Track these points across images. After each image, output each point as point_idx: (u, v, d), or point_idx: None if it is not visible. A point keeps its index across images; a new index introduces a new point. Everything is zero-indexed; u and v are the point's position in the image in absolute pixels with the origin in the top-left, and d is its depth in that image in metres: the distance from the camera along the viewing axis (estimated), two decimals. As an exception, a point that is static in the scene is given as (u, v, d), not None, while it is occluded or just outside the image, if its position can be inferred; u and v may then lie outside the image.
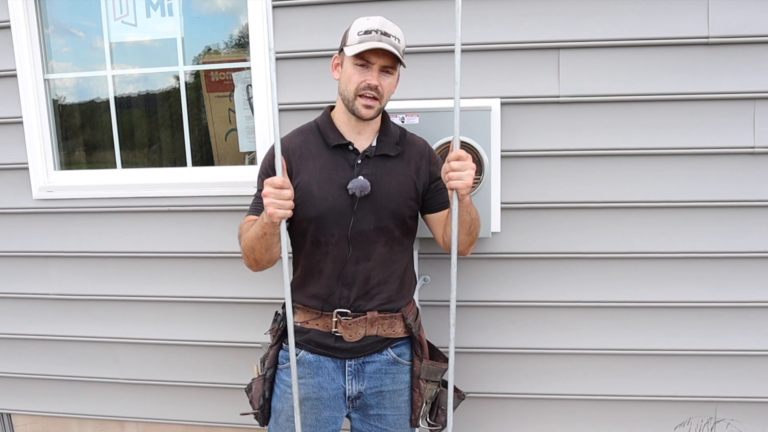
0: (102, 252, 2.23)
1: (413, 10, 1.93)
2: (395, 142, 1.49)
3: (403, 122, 1.83)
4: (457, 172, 1.26)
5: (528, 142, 1.94)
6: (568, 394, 2.07)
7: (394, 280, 1.50)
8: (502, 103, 1.91)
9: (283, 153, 1.46)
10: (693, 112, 1.88)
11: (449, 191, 1.31)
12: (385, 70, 1.40)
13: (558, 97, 1.91)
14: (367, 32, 1.35)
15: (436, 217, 1.53)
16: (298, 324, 1.52)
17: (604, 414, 2.08)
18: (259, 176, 1.51)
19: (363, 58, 1.37)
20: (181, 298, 2.21)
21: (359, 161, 1.44)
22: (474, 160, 1.81)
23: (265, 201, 1.25)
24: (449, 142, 1.82)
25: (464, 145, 1.81)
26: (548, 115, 1.92)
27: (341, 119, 1.47)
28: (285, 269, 1.29)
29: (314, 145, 1.47)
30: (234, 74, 2.17)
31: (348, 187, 1.41)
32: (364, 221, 1.43)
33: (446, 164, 1.28)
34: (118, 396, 2.34)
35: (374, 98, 1.39)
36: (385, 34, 1.36)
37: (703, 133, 1.89)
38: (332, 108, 1.53)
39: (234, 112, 2.21)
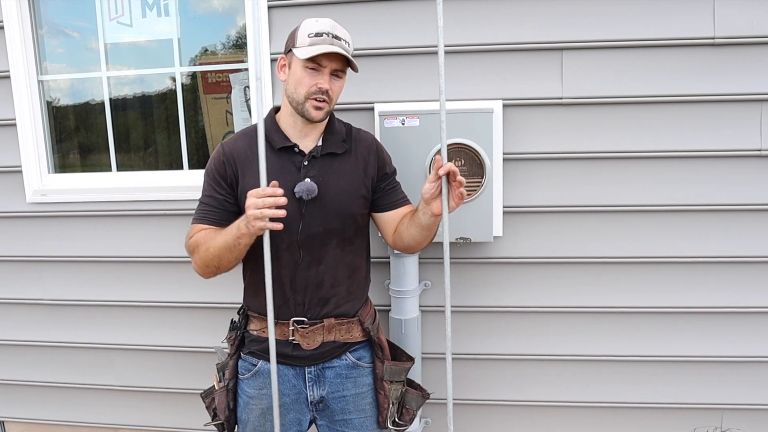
0: (97, 256, 2.19)
1: (413, 10, 1.90)
2: (342, 140, 1.47)
3: (403, 124, 1.80)
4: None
5: (530, 145, 1.91)
6: (570, 401, 2.04)
7: (346, 281, 1.48)
8: (504, 105, 1.88)
9: (226, 158, 1.43)
10: (699, 113, 1.85)
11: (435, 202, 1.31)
12: (335, 73, 1.38)
13: (561, 98, 1.88)
14: (318, 35, 1.33)
15: (386, 217, 1.52)
16: (255, 333, 1.50)
17: (606, 421, 2.04)
18: (206, 182, 1.46)
19: (315, 62, 1.34)
20: (177, 303, 2.18)
21: (306, 163, 1.42)
22: (476, 163, 1.79)
23: (254, 212, 1.22)
24: (451, 144, 1.79)
25: (465, 148, 1.78)
26: (551, 116, 1.89)
27: (287, 122, 1.44)
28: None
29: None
30: (231, 75, 2.14)
31: (295, 190, 1.38)
32: (313, 224, 1.41)
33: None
34: (113, 403, 2.31)
35: (324, 101, 1.36)
36: (336, 37, 1.35)
37: (710, 136, 1.86)
38: (277, 110, 1.49)
39: (231, 114, 2.18)
